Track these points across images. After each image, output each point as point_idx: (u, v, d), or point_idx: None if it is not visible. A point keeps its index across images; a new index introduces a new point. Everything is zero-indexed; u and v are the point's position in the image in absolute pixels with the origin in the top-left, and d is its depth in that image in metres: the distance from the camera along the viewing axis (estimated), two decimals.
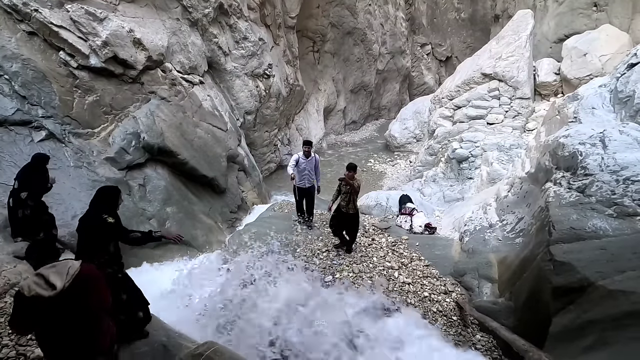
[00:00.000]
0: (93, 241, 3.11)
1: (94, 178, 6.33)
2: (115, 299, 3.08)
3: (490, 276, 5.67)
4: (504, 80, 10.59)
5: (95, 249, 3.09)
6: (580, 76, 10.28)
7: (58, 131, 6.37)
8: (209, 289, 5.49)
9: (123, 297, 3.18)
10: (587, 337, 3.52)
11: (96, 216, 3.16)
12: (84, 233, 3.17)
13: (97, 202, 3.25)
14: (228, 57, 10.54)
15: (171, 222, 6.88)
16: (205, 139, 8.41)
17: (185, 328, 4.16)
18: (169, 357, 3.23)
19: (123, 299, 3.17)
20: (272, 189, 11.47)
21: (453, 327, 5.12)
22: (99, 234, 3.14)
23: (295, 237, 6.93)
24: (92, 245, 3.10)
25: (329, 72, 17.24)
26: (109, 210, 3.24)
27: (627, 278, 3.55)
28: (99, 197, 3.27)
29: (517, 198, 6.35)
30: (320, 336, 4.42)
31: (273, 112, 12.28)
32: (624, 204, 4.20)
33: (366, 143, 17.94)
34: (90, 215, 3.21)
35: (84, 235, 3.15)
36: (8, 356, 3.64)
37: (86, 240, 3.14)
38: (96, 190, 3.38)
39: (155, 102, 7.78)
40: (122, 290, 3.19)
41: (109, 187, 3.50)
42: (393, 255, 6.57)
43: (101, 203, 3.25)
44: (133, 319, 3.31)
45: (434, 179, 11.02)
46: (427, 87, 22.03)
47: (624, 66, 5.51)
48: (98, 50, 6.92)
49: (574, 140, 5.05)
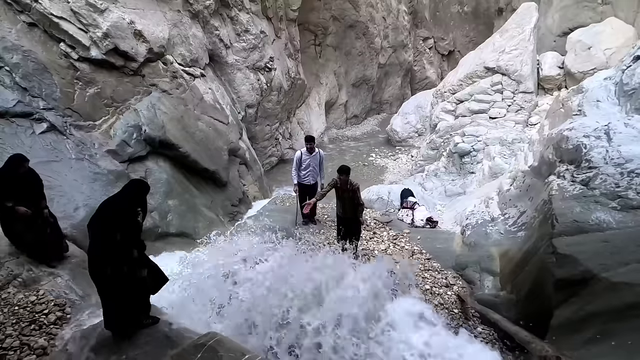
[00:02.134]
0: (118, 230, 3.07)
1: (95, 170, 6.33)
2: (133, 279, 3.11)
3: (491, 269, 5.67)
4: (507, 74, 10.51)
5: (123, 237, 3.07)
6: (584, 70, 10.19)
7: (59, 123, 6.35)
8: (209, 280, 5.49)
9: (143, 274, 3.21)
10: (589, 329, 3.52)
11: (133, 208, 3.15)
12: (109, 222, 3.10)
13: (128, 196, 3.23)
14: (229, 49, 10.48)
15: (173, 214, 6.88)
16: (207, 132, 8.39)
17: (186, 319, 4.17)
18: (172, 347, 3.24)
19: (143, 275, 3.22)
20: (273, 182, 11.46)
21: (454, 320, 5.13)
22: (127, 223, 3.12)
23: (296, 230, 6.93)
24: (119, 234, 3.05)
25: (330, 65, 17.13)
26: (141, 206, 3.24)
27: (631, 270, 3.54)
28: (131, 190, 3.26)
29: (519, 192, 6.32)
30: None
31: (274, 106, 12.23)
32: (628, 196, 4.18)
33: (368, 137, 17.88)
34: (121, 203, 3.17)
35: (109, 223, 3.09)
36: (12, 346, 3.67)
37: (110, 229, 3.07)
38: (129, 182, 3.38)
39: (157, 95, 7.75)
40: (140, 267, 3.22)
41: (141, 181, 3.47)
42: (394, 248, 6.57)
43: (133, 198, 3.23)
44: (142, 300, 3.34)
45: (435, 173, 10.99)
46: (429, 82, 21.88)
47: (629, 58, 5.45)
48: (99, 42, 6.88)
49: (579, 133, 5.01)
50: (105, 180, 6.31)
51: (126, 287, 3.12)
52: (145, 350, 3.22)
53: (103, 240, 3.05)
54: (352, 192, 5.41)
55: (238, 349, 3.07)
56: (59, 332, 3.94)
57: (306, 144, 6.58)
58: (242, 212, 8.69)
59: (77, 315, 4.17)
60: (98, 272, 3.06)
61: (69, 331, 3.88)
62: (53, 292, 4.33)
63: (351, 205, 5.52)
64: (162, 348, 3.26)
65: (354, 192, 5.40)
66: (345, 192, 5.47)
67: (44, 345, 3.76)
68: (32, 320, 3.97)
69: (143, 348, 3.24)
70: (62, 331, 3.96)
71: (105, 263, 3.01)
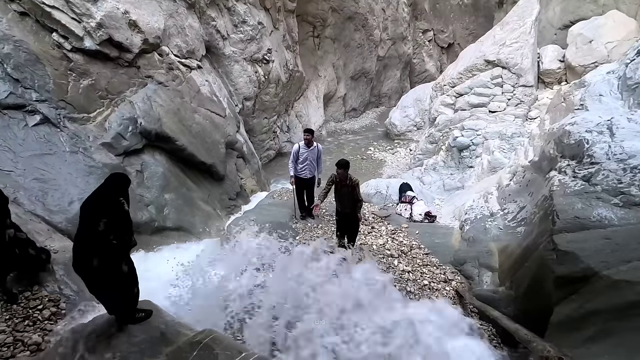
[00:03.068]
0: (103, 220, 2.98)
1: (90, 164, 6.23)
2: (116, 271, 3.03)
3: (490, 265, 5.65)
4: (507, 67, 10.41)
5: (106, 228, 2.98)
6: (585, 64, 10.10)
7: (53, 115, 6.22)
8: (207, 275, 5.45)
9: (125, 269, 3.12)
10: (589, 328, 3.49)
11: (114, 198, 3.08)
12: (93, 212, 3.04)
13: (111, 187, 3.16)
14: (226, 41, 10.31)
15: (169, 208, 6.80)
16: (204, 125, 8.27)
17: (183, 315, 4.12)
18: (167, 344, 3.19)
19: (125, 271, 3.12)
20: (271, 176, 11.38)
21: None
22: (112, 214, 3.04)
23: (294, 224, 6.88)
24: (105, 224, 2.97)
25: (329, 58, 16.93)
26: (124, 197, 3.17)
27: (633, 268, 3.50)
28: (113, 182, 3.19)
29: (519, 187, 6.28)
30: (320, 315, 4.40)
31: (272, 99, 12.09)
32: (631, 193, 4.13)
33: (366, 131, 17.77)
34: (104, 196, 3.10)
35: (93, 214, 3.01)
36: (5, 342, 3.61)
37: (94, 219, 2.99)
38: (110, 176, 3.28)
39: (152, 87, 7.61)
40: (124, 261, 3.13)
41: (122, 174, 3.40)
42: (393, 243, 6.54)
43: (116, 189, 3.17)
44: (130, 294, 3.27)
45: (434, 168, 10.94)
46: (428, 75, 21.73)
47: (633, 52, 5.37)
48: (92, 32, 6.71)
49: (581, 128, 4.94)
50: (101, 173, 6.20)
51: (113, 279, 3.05)
52: (140, 348, 3.16)
53: (87, 232, 2.97)
54: (352, 188, 5.31)
55: (234, 347, 3.04)
56: (53, 328, 3.89)
57: (305, 135, 6.50)
58: (239, 206, 8.62)
59: (72, 311, 4.12)
60: (83, 265, 2.99)
61: (63, 327, 3.82)
62: (47, 287, 4.26)
63: (350, 201, 5.42)
64: (158, 345, 3.21)
65: (353, 187, 5.31)
66: (345, 187, 5.38)
67: (38, 342, 3.70)
68: (25, 316, 3.91)
69: (138, 345, 3.18)
70: (57, 327, 3.91)
71: (91, 254, 2.93)
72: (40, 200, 5.47)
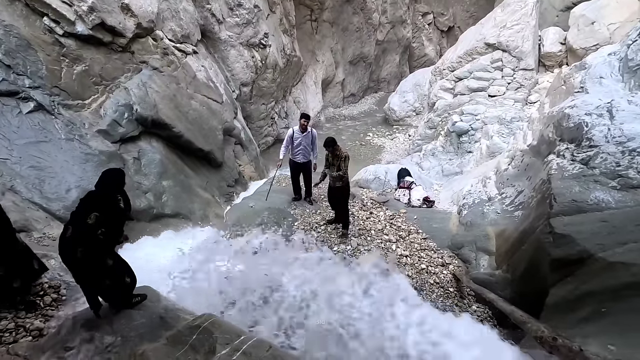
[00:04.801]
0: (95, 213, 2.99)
1: (87, 151, 6.18)
2: (100, 264, 3.05)
3: (487, 249, 5.69)
4: (508, 51, 10.26)
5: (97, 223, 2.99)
6: (586, 46, 9.93)
7: (47, 102, 6.13)
8: (206, 262, 5.49)
9: (109, 263, 3.13)
10: (584, 308, 3.54)
11: (111, 194, 3.12)
12: (86, 204, 3.06)
13: (108, 184, 3.18)
14: (222, 25, 10.11)
15: (167, 195, 6.79)
16: (201, 112, 8.19)
17: (182, 300, 4.16)
18: (167, 328, 3.23)
19: (109, 264, 3.13)
20: (269, 163, 11.33)
21: (450, 299, 5.18)
22: (105, 209, 3.05)
23: (293, 210, 6.89)
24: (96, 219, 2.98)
25: (327, 42, 16.65)
26: (120, 194, 3.20)
27: (628, 250, 3.52)
28: (109, 178, 3.20)
29: (517, 171, 6.27)
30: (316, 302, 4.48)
31: (270, 84, 11.94)
32: (629, 175, 4.12)
33: (365, 116, 17.64)
34: (102, 194, 3.13)
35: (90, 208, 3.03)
36: (7, 328, 3.65)
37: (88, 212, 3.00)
38: (104, 172, 3.28)
39: (147, 73, 7.49)
40: (108, 256, 3.14)
41: (117, 169, 3.41)
42: (391, 228, 6.57)
43: (112, 185, 3.18)
44: (120, 283, 3.29)
45: (433, 153, 10.91)
46: (427, 59, 21.43)
47: (635, 33, 5.27)
48: (84, 16, 6.56)
49: (580, 110, 4.90)
50: (97, 161, 6.17)
51: (97, 271, 3.06)
52: (140, 332, 3.20)
53: (76, 223, 2.97)
54: (342, 160, 5.72)
55: (233, 331, 3.07)
56: (54, 314, 3.93)
57: (301, 120, 6.56)
58: (238, 192, 8.62)
59: (73, 296, 4.15)
60: (67, 254, 3.00)
61: (64, 313, 3.86)
62: (48, 274, 4.29)
63: (341, 171, 5.80)
64: (157, 329, 3.25)
65: (344, 159, 5.71)
66: (336, 159, 5.79)
67: (40, 327, 3.74)
68: (27, 302, 3.94)
69: (138, 330, 3.22)
70: (58, 313, 3.94)
71: (76, 245, 2.94)
72: (37, 188, 5.45)
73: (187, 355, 2.81)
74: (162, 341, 2.96)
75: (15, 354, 3.12)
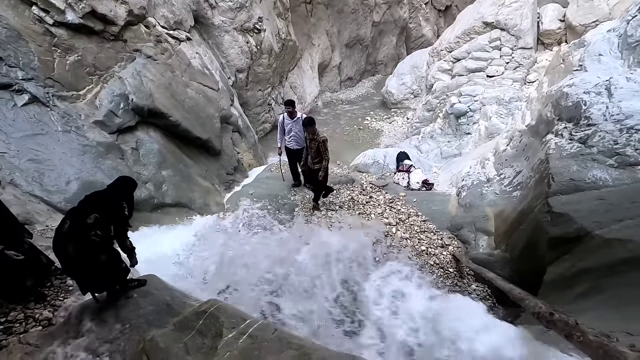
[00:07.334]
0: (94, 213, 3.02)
1: (84, 143, 6.16)
2: (92, 261, 3.08)
3: (486, 229, 5.76)
4: (506, 29, 10.10)
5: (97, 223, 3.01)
6: (586, 22, 9.77)
7: (41, 94, 6.07)
8: (209, 249, 5.56)
9: (102, 258, 3.15)
10: (581, 285, 3.62)
11: (118, 201, 3.16)
12: (89, 204, 3.08)
13: (116, 189, 3.24)
14: (215, 10, 9.91)
15: (167, 185, 6.81)
16: (197, 100, 8.11)
17: (187, 287, 4.24)
18: (174, 315, 3.30)
19: (102, 259, 3.15)
20: (268, 149, 11.30)
21: (449, 279, 5.28)
22: (107, 213, 3.07)
23: (292, 196, 6.93)
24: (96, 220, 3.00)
25: (322, 25, 16.35)
26: (128, 202, 3.23)
27: (625, 227, 3.58)
28: (119, 184, 3.26)
29: (516, 151, 6.28)
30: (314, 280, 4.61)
31: (266, 70, 11.79)
32: (626, 153, 4.14)
33: (362, 100, 17.50)
34: (108, 197, 3.17)
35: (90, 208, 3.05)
36: (17, 318, 3.72)
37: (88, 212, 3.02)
38: (119, 178, 3.36)
39: (141, 61, 7.39)
40: (102, 253, 3.16)
41: (130, 178, 3.47)
42: (391, 211, 6.63)
43: (120, 191, 3.24)
44: (117, 270, 3.34)
45: (431, 135, 10.89)
46: (425, 40, 21.09)
47: (635, 8, 5.18)
48: (74, 5, 6.42)
49: (579, 89, 4.87)
50: (95, 152, 6.16)
51: (88, 267, 3.09)
52: (148, 319, 3.27)
53: (74, 218, 2.99)
54: (319, 143, 5.80)
55: (239, 315, 3.14)
56: (62, 304, 4.00)
57: (285, 108, 6.54)
58: (237, 181, 8.63)
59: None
60: (59, 248, 3.02)
61: (71, 302, 3.93)
62: (55, 263, 4.33)
63: (318, 156, 5.91)
64: (164, 315, 3.33)
65: (321, 142, 5.78)
66: (313, 142, 5.87)
67: (49, 317, 3.81)
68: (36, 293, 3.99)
69: (145, 317, 3.29)
70: (65, 302, 4.01)
71: (68, 240, 2.95)
72: (37, 181, 5.45)
73: (194, 339, 2.88)
74: (169, 327, 3.03)
75: (26, 343, 3.20)
